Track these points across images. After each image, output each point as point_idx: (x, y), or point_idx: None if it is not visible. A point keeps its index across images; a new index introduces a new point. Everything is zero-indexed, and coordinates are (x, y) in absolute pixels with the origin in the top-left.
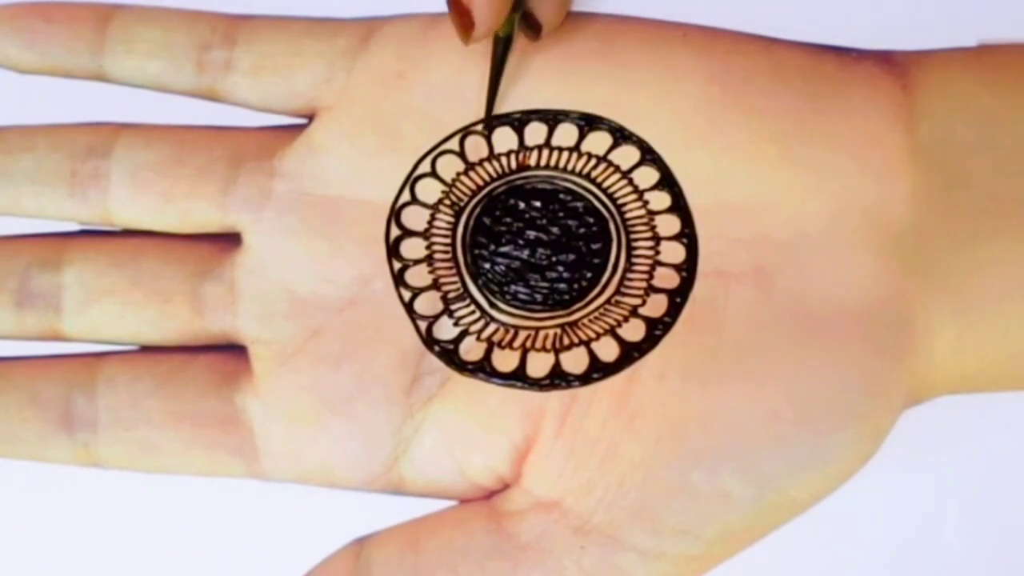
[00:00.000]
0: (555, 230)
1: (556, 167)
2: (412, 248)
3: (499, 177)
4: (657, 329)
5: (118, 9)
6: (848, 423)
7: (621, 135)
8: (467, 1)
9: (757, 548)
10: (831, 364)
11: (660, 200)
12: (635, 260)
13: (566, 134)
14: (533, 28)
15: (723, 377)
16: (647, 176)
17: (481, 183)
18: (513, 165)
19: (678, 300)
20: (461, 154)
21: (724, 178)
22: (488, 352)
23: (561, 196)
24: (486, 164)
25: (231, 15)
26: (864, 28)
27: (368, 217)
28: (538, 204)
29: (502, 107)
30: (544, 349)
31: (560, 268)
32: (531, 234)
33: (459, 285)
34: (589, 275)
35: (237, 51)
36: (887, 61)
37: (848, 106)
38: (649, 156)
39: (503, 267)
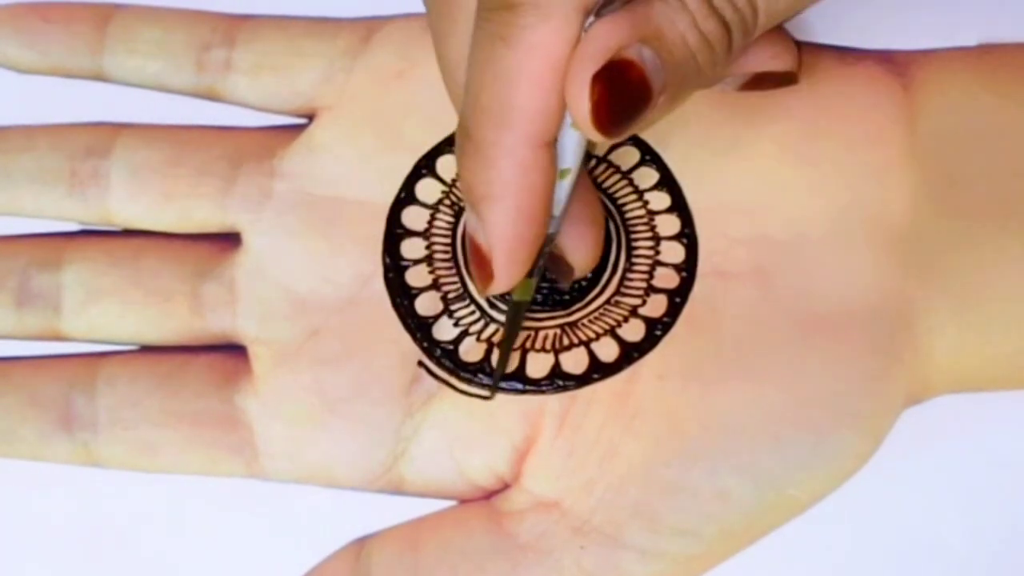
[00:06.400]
0: None
1: None
2: (412, 248)
3: None
4: (657, 329)
5: (118, 9)
6: (848, 423)
7: None
8: (487, 251)
9: (757, 548)
10: (831, 364)
11: (660, 200)
12: (635, 260)
13: None
14: (563, 272)
15: (723, 377)
16: (647, 176)
17: None
18: None
19: (678, 300)
20: None
21: (724, 178)
22: (488, 353)
23: None
24: None
25: (231, 15)
26: (864, 28)
27: (368, 217)
28: None
29: None
30: (544, 349)
31: None
32: None
33: (459, 285)
34: (589, 275)
35: (237, 51)
36: (887, 61)
37: (848, 105)
38: (649, 156)
39: None
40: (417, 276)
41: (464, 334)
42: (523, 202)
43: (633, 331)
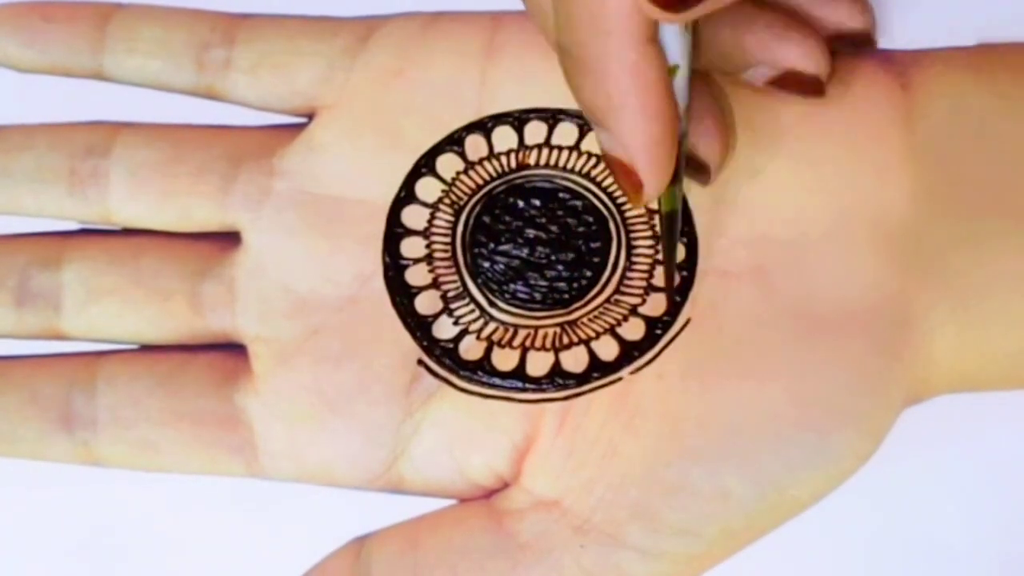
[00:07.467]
0: (555, 228)
1: (556, 166)
2: (412, 247)
3: (499, 176)
4: (657, 328)
5: (118, 8)
6: (848, 422)
7: None
8: (628, 160)
9: (757, 548)
10: (831, 363)
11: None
12: (635, 259)
13: (566, 133)
14: (700, 171)
15: (723, 376)
16: None
17: (481, 182)
18: (513, 164)
19: (678, 299)
20: (461, 153)
21: (724, 177)
22: (488, 351)
23: (561, 195)
24: (486, 163)
25: (231, 14)
26: None
27: (368, 216)
28: (538, 203)
29: (507, 106)
30: (544, 348)
31: (559, 267)
32: (531, 232)
33: (459, 284)
34: (589, 274)
35: (237, 50)
36: (887, 60)
37: (848, 105)
38: None
39: (503, 266)
40: (417, 275)
41: (464, 332)
42: (646, 102)
43: (633, 330)
